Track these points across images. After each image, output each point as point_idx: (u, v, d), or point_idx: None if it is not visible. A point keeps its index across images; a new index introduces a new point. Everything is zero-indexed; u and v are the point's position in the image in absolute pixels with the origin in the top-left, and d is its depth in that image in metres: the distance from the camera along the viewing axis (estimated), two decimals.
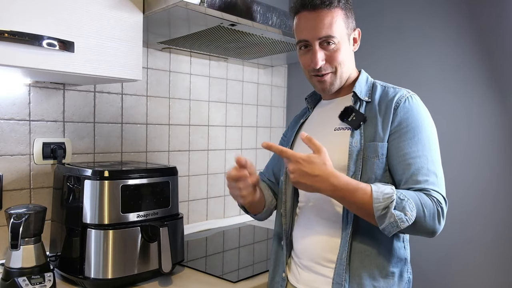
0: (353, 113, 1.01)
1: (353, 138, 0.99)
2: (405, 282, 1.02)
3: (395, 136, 0.98)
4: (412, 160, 0.95)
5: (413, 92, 1.05)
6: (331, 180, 0.88)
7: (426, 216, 0.90)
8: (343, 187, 0.89)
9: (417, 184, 0.93)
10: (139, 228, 1.13)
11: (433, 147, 0.98)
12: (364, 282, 0.96)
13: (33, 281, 1.03)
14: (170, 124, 1.70)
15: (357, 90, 1.05)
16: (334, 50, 1.01)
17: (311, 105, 1.19)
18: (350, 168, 0.98)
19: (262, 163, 2.10)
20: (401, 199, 0.88)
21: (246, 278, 1.23)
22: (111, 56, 1.10)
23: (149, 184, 1.17)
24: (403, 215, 0.87)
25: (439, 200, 0.93)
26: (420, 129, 0.97)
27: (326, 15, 0.99)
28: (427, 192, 0.93)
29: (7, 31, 0.90)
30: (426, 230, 0.92)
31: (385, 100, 1.02)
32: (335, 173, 0.89)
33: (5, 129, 1.25)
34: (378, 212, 0.88)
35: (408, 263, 1.04)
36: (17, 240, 1.01)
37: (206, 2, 1.10)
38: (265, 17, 1.29)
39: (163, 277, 1.19)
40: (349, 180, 0.91)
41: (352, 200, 0.90)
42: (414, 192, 0.92)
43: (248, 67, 2.01)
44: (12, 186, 1.26)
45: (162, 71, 1.66)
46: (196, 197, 1.80)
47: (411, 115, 0.98)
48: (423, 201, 0.90)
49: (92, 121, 1.45)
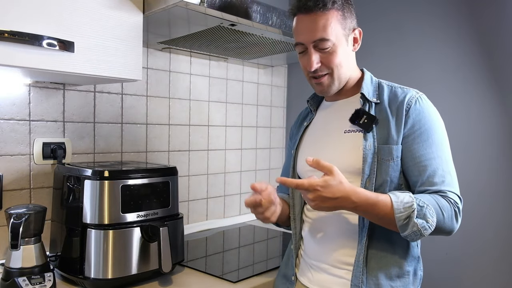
0: (364, 115, 1.01)
1: (367, 141, 0.99)
2: (419, 280, 1.04)
3: (409, 138, 0.98)
4: (428, 162, 0.96)
5: (420, 92, 1.05)
6: (352, 198, 0.89)
7: (445, 218, 0.92)
8: (364, 202, 0.90)
9: (434, 186, 0.95)
10: (139, 228, 1.13)
11: (445, 147, 1.00)
12: (381, 282, 0.97)
13: (33, 281, 1.03)
14: (170, 124, 1.70)
15: (365, 91, 1.04)
16: (330, 52, 1.01)
17: (313, 107, 1.19)
18: (365, 171, 0.98)
19: (262, 163, 2.11)
20: (421, 206, 0.90)
21: (246, 278, 1.23)
22: (111, 56, 1.10)
23: (149, 184, 1.17)
24: (425, 223, 0.89)
25: (455, 200, 0.95)
26: (433, 131, 0.99)
27: (320, 18, 0.99)
28: (444, 194, 0.95)
29: (7, 31, 0.90)
30: (445, 231, 0.95)
31: (395, 101, 1.02)
32: (354, 189, 0.90)
33: (5, 129, 1.25)
34: (400, 222, 0.89)
35: (420, 261, 1.06)
36: (17, 240, 1.01)
37: (206, 2, 1.10)
38: (265, 17, 1.29)
39: (163, 277, 1.19)
40: (367, 194, 0.91)
41: (374, 213, 0.91)
42: (431, 196, 0.93)
43: (248, 67, 2.01)
44: (12, 186, 1.26)
45: (162, 71, 1.66)
46: (196, 197, 1.80)
47: (423, 117, 0.99)
48: (441, 204, 0.92)
49: (92, 121, 1.45)
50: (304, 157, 1.03)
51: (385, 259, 0.98)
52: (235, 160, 1.98)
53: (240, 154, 2.00)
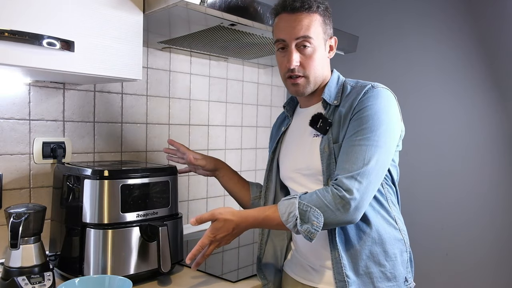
0: (320, 120, 1.05)
1: (322, 144, 1.04)
2: (406, 261, 1.07)
3: (350, 125, 1.00)
4: (350, 149, 0.97)
5: (384, 86, 1.05)
6: (243, 225, 1.01)
7: (334, 211, 0.92)
8: (254, 222, 1.01)
9: (339, 171, 0.96)
10: (138, 227, 1.13)
11: (378, 138, 0.96)
12: (372, 271, 1.01)
13: (33, 281, 1.03)
14: (170, 124, 1.70)
15: (325, 96, 1.08)
16: (310, 53, 1.04)
17: (289, 113, 1.23)
18: (324, 172, 1.03)
19: (262, 163, 2.11)
20: (305, 211, 0.93)
21: (245, 278, 1.23)
22: (111, 56, 1.10)
23: (148, 183, 1.17)
24: (310, 227, 0.93)
25: (344, 185, 0.93)
26: (370, 118, 0.98)
27: (305, 17, 1.03)
28: (335, 182, 0.95)
29: (7, 30, 0.90)
30: (342, 223, 0.95)
31: (352, 98, 1.04)
32: (240, 217, 1.01)
33: (5, 128, 1.25)
34: (293, 230, 0.96)
35: (406, 243, 1.08)
36: (16, 240, 1.01)
37: (206, 2, 1.10)
38: (265, 17, 1.29)
39: (162, 277, 1.19)
40: (254, 214, 1.00)
41: (269, 226, 1.02)
42: (318, 193, 0.95)
43: (248, 67, 2.01)
44: (12, 186, 1.26)
45: (162, 71, 1.66)
46: (195, 197, 1.80)
47: (367, 105, 0.99)
48: (326, 200, 0.93)
49: (92, 120, 1.45)
50: (285, 163, 1.15)
51: (367, 249, 1.02)
52: (235, 160, 1.98)
53: (240, 154, 2.00)
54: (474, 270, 1.60)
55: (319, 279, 1.06)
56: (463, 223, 1.64)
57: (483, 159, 1.58)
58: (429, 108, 1.70)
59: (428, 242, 1.72)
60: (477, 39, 1.59)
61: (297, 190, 1.11)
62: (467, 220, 1.62)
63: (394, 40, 1.81)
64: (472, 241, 1.60)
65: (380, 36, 1.84)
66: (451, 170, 1.64)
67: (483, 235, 1.58)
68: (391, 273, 1.02)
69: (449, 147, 1.66)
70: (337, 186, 0.94)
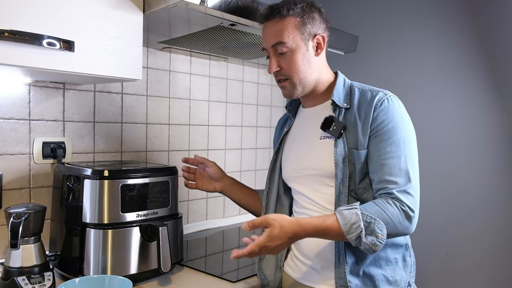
0: (333, 123, 1.05)
1: (337, 147, 1.03)
2: (409, 266, 1.07)
3: (373, 138, 1.01)
4: (386, 161, 0.99)
5: (393, 94, 1.06)
6: (300, 234, 0.94)
7: (396, 224, 0.94)
8: (313, 232, 0.94)
9: (387, 184, 0.97)
10: (138, 227, 1.13)
11: (408, 147, 1.01)
12: (373, 274, 1.01)
13: (33, 281, 1.03)
14: (170, 124, 1.70)
15: (335, 98, 1.07)
16: (288, 56, 1.05)
17: (292, 113, 1.22)
18: (338, 176, 1.03)
19: (262, 163, 2.11)
20: (369, 223, 0.93)
21: (245, 277, 1.23)
22: (111, 56, 1.10)
23: (148, 183, 1.17)
24: (375, 239, 0.92)
25: (402, 200, 0.96)
26: (395, 130, 1.00)
27: (276, 24, 1.05)
28: (392, 196, 0.96)
29: (7, 30, 0.90)
30: (401, 234, 0.98)
31: (364, 104, 1.04)
32: (299, 225, 0.94)
33: (5, 128, 1.25)
34: (353, 242, 0.93)
35: (409, 248, 1.09)
36: (16, 239, 1.01)
37: (206, 2, 1.10)
38: None
39: (162, 277, 1.20)
40: (314, 223, 0.95)
41: (327, 237, 0.97)
42: (378, 204, 0.95)
43: (248, 67, 2.01)
44: (12, 185, 1.26)
45: (162, 71, 1.66)
46: (195, 197, 1.80)
47: (387, 117, 1.01)
48: (388, 212, 0.94)
49: (92, 120, 1.45)
50: (288, 164, 1.14)
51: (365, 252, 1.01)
52: (235, 160, 1.98)
53: (240, 154, 2.00)
54: (474, 270, 1.60)
55: (320, 279, 1.06)
56: (463, 223, 1.64)
57: (483, 159, 1.58)
58: (429, 108, 1.70)
59: (428, 242, 1.72)
60: (477, 39, 1.59)
61: (301, 191, 1.11)
62: (467, 220, 1.62)
63: (394, 40, 1.81)
64: (472, 241, 1.60)
65: (380, 36, 1.84)
66: (451, 170, 1.64)
67: (483, 235, 1.58)
68: (393, 277, 1.02)
69: (449, 147, 1.66)
70: (398, 200, 0.96)
